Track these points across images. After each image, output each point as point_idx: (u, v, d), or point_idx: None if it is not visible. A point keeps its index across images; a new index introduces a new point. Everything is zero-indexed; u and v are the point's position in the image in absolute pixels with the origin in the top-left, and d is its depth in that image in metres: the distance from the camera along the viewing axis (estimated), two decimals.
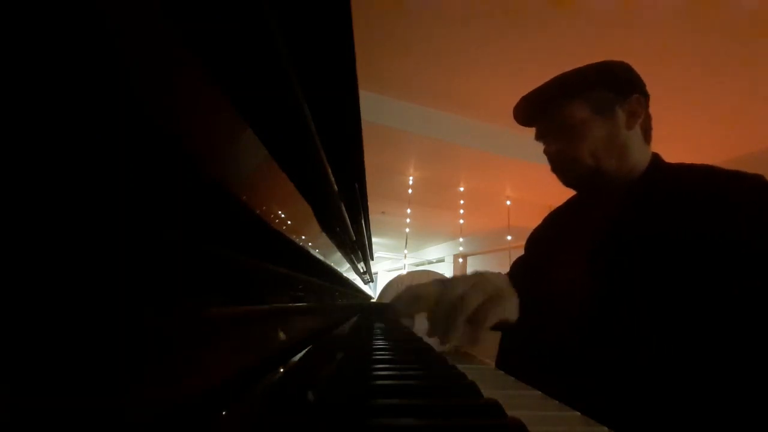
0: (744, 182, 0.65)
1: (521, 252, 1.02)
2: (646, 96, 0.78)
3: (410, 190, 4.67)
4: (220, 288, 0.22)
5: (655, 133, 0.81)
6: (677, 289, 0.61)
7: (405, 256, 6.58)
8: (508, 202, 5.04)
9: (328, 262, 0.51)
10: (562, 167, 0.80)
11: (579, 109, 0.76)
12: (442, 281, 0.68)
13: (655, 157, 0.78)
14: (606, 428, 0.34)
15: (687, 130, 3.39)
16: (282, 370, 0.25)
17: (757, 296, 0.57)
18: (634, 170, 0.77)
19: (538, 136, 0.85)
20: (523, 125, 0.87)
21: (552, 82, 0.79)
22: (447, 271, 8.17)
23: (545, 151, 0.83)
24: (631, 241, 0.67)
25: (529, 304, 0.68)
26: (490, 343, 0.71)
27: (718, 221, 0.61)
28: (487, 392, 0.40)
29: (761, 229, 0.58)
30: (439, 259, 9.09)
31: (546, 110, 0.80)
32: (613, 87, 0.77)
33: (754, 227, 0.59)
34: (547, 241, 0.92)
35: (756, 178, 0.64)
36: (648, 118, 0.79)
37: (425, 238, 8.51)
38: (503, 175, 4.27)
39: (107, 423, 0.10)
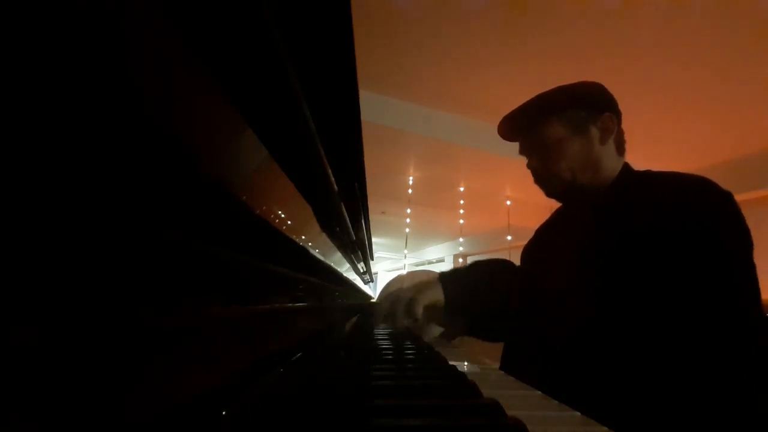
0: (698, 186, 0.72)
1: (521, 252, 1.08)
2: (617, 113, 0.85)
3: (410, 190, 4.66)
4: (220, 288, 0.22)
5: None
6: (651, 287, 0.66)
7: (405, 256, 6.58)
8: (508, 202, 5.03)
9: (328, 262, 0.51)
10: (543, 181, 0.89)
11: (556, 128, 0.83)
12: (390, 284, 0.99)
13: (625, 167, 0.85)
14: (606, 428, 0.34)
15: (687, 131, 3.39)
16: (282, 370, 0.25)
17: (721, 290, 0.62)
18: (607, 180, 0.84)
19: (521, 151, 0.93)
20: (506, 140, 0.95)
21: (531, 102, 0.87)
22: None
23: (528, 165, 0.90)
24: (607, 244, 0.75)
25: (527, 313, 0.79)
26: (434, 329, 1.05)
27: (677, 221, 0.68)
28: (487, 392, 0.40)
29: (714, 227, 0.66)
30: (439, 259, 9.08)
31: (527, 128, 0.88)
32: (587, 106, 0.84)
33: (706, 225, 0.66)
34: (537, 252, 1.00)
35: (706, 183, 0.71)
36: (621, 133, 0.86)
37: (425, 238, 8.51)
38: (503, 175, 4.26)
39: (107, 423, 0.10)
